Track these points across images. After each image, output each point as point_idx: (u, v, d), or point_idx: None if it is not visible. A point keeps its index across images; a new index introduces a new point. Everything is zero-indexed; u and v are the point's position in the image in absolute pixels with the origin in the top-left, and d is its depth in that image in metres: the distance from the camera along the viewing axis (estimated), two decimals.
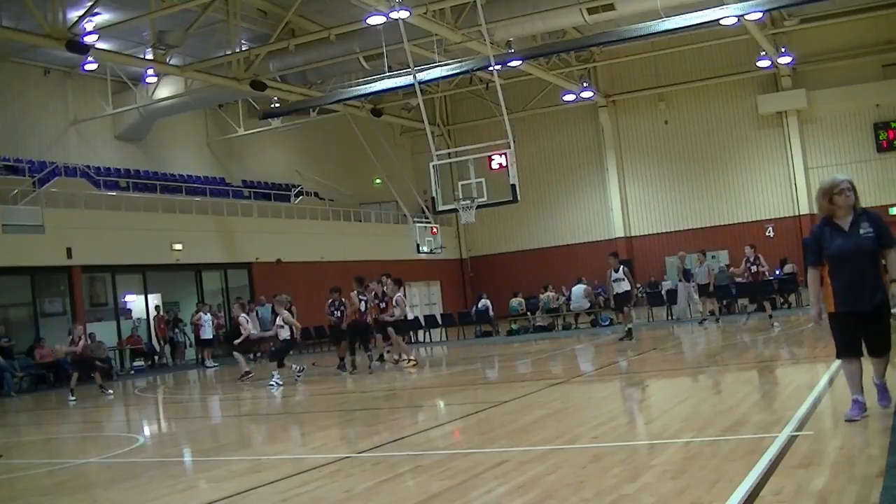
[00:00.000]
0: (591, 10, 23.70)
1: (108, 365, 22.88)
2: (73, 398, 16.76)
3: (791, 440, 6.16)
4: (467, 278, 39.17)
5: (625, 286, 18.10)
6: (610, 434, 7.67)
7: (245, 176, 33.11)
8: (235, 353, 18.10)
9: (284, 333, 15.85)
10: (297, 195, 33.57)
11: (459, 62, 25.32)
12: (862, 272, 6.35)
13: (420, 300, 35.00)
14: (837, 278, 6.46)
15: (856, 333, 6.46)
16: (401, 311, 17.48)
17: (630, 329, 18.14)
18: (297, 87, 28.30)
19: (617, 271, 18.12)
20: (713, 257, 33.46)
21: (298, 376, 15.97)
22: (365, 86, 26.66)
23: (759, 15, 25.46)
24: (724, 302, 24.28)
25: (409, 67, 20.59)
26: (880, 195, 30.78)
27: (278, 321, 15.97)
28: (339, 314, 17.30)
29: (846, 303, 6.41)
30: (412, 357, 17.44)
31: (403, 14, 20.98)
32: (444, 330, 27.97)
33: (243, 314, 18.40)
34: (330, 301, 17.50)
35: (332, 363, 18.49)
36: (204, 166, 32.25)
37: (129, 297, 26.89)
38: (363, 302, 16.89)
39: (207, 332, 24.39)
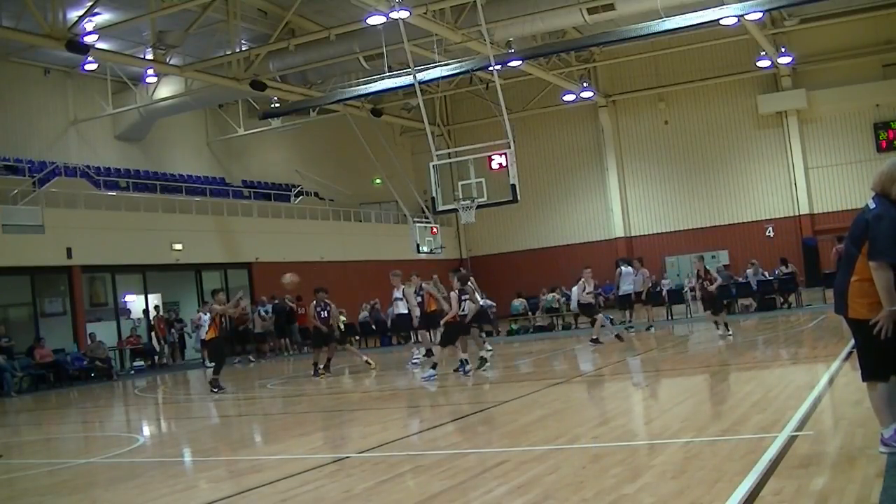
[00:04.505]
0: (591, 10, 23.70)
1: (109, 365, 22.90)
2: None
3: (791, 440, 6.16)
4: None
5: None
6: (610, 434, 7.67)
7: (245, 176, 33.11)
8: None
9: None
10: (297, 195, 33.58)
11: (459, 62, 25.31)
12: None
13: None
14: None
15: None
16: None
17: (596, 338, 17.87)
18: (297, 87, 28.30)
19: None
20: (713, 257, 33.64)
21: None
22: (365, 86, 26.66)
23: (759, 15, 25.46)
24: (724, 302, 24.25)
25: (409, 67, 20.58)
26: None
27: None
28: (325, 314, 16.85)
29: None
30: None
31: (403, 14, 20.97)
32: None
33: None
34: (315, 302, 16.94)
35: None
36: (204, 166, 32.25)
37: (129, 297, 26.89)
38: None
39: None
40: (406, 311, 17.21)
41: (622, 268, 20.88)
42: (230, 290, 28.27)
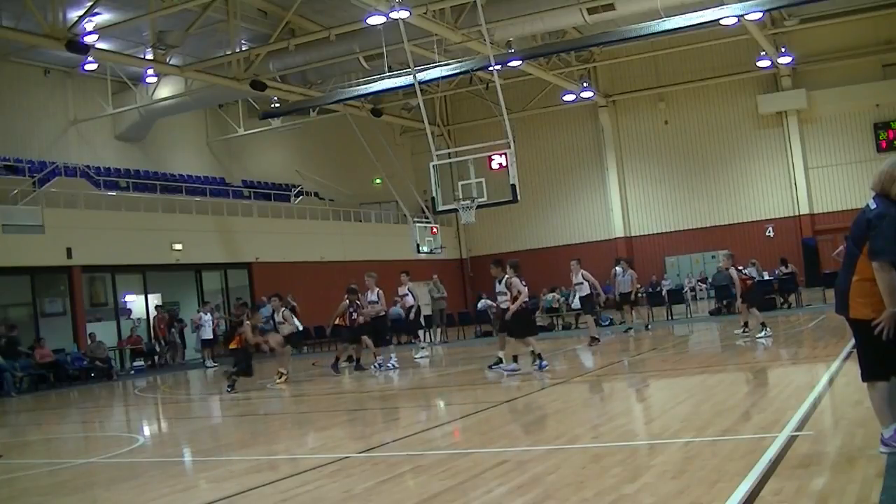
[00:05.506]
0: (591, 10, 23.70)
1: (109, 365, 22.89)
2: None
3: (791, 440, 6.16)
4: (467, 278, 39.15)
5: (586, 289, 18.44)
6: (610, 434, 7.67)
7: (245, 176, 33.11)
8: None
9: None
10: (297, 195, 33.57)
11: (459, 62, 25.30)
12: None
13: (420, 300, 34.95)
14: None
15: None
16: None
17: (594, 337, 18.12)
18: (297, 87, 28.29)
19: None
20: (713, 257, 33.65)
21: None
22: (365, 86, 26.64)
23: (759, 15, 25.45)
24: (724, 302, 24.31)
25: (409, 67, 20.57)
26: None
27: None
28: (356, 314, 16.97)
29: None
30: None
31: (403, 14, 20.97)
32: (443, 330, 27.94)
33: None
34: (348, 303, 17.06)
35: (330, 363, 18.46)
36: (204, 166, 32.25)
37: (129, 297, 26.88)
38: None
39: (207, 332, 24.38)
40: (383, 314, 17.35)
41: (614, 268, 21.02)
42: (230, 291, 28.49)
